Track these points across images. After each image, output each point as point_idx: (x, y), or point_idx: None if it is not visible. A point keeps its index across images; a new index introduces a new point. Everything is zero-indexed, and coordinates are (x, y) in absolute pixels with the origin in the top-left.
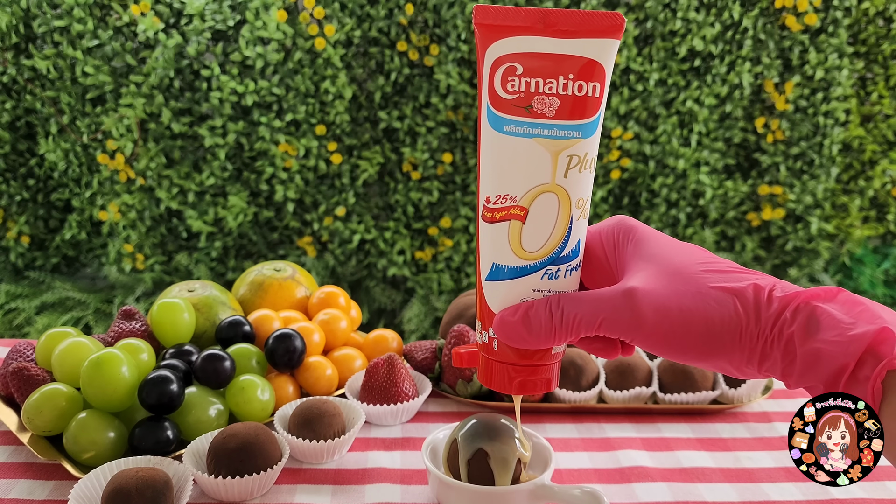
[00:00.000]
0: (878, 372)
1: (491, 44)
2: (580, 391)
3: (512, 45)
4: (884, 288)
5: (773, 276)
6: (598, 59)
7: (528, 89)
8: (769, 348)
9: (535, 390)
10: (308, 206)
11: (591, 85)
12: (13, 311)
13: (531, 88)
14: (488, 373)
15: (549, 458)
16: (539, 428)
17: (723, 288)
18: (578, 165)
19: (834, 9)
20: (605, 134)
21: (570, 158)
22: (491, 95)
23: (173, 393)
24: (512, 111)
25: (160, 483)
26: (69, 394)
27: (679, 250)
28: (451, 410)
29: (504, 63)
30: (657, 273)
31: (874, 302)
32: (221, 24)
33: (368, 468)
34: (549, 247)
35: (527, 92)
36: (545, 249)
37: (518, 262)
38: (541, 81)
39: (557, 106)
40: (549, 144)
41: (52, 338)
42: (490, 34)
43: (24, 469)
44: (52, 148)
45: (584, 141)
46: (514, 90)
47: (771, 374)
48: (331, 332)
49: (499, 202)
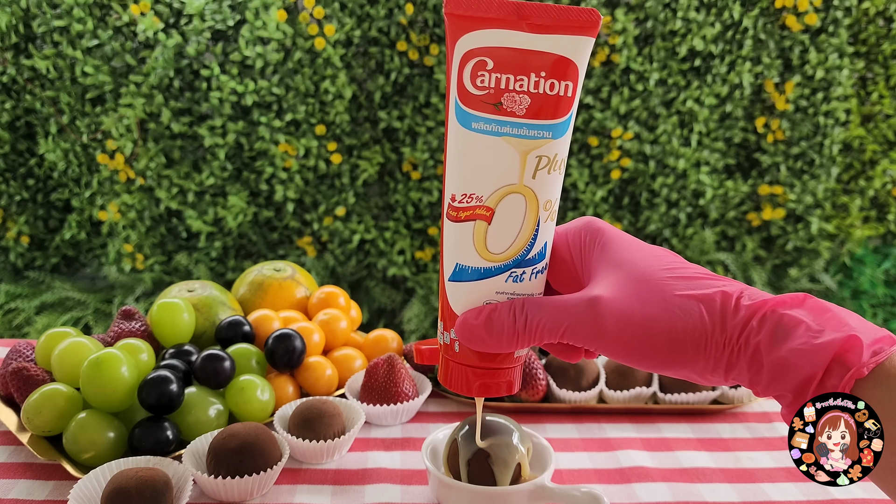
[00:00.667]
0: (846, 381)
1: (461, 35)
2: (580, 391)
3: (483, 38)
4: (884, 288)
5: (741, 283)
6: (572, 56)
7: (497, 85)
8: (735, 357)
9: (496, 393)
10: (308, 206)
11: (564, 84)
12: (13, 311)
13: (501, 85)
14: (448, 374)
15: (549, 459)
16: (539, 428)
17: (689, 296)
18: (548, 167)
19: (834, 8)
20: (605, 134)
21: (540, 159)
22: (459, 90)
23: (173, 393)
24: (481, 107)
25: (160, 483)
26: (69, 394)
27: (646, 255)
28: (450, 411)
29: (474, 57)
30: (622, 280)
31: (842, 308)
32: (221, 23)
33: (368, 468)
34: (515, 249)
35: (497, 88)
36: (511, 251)
37: (482, 263)
38: (511, 78)
39: (528, 104)
40: (519, 144)
41: (52, 338)
42: (461, 25)
43: (23, 469)
44: (51, 148)
45: (554, 142)
46: (483, 86)
47: (738, 382)
48: (331, 332)
49: (464, 201)
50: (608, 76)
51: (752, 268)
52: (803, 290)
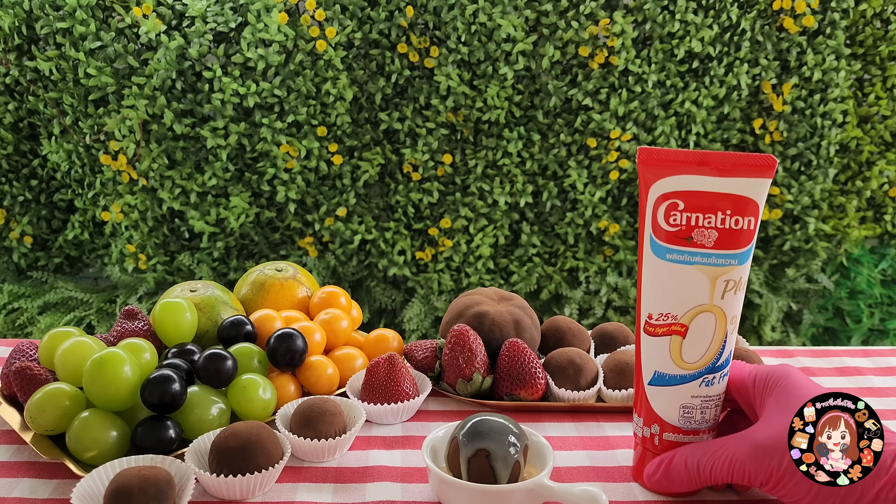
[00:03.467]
0: None
1: (654, 182)
2: (579, 390)
3: (674, 184)
4: (881, 288)
5: None
6: (753, 196)
7: (689, 223)
8: None
9: None
10: (309, 206)
11: (747, 219)
12: (16, 311)
13: (692, 222)
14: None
15: (548, 457)
16: (538, 427)
17: None
18: (734, 288)
19: (831, 10)
20: (603, 135)
21: (727, 283)
22: (654, 227)
23: (175, 392)
24: (674, 241)
25: (162, 481)
26: (72, 393)
27: None
28: (451, 409)
29: (667, 199)
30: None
31: None
32: (223, 25)
33: (369, 466)
34: (707, 358)
35: (688, 225)
36: (703, 361)
37: (678, 371)
38: (700, 216)
39: (715, 238)
40: (708, 271)
41: (55, 337)
42: (653, 173)
43: (26, 468)
44: (54, 149)
45: (739, 267)
46: (676, 223)
47: None
48: (332, 331)
49: (661, 319)
50: (606, 78)
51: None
52: (801, 290)
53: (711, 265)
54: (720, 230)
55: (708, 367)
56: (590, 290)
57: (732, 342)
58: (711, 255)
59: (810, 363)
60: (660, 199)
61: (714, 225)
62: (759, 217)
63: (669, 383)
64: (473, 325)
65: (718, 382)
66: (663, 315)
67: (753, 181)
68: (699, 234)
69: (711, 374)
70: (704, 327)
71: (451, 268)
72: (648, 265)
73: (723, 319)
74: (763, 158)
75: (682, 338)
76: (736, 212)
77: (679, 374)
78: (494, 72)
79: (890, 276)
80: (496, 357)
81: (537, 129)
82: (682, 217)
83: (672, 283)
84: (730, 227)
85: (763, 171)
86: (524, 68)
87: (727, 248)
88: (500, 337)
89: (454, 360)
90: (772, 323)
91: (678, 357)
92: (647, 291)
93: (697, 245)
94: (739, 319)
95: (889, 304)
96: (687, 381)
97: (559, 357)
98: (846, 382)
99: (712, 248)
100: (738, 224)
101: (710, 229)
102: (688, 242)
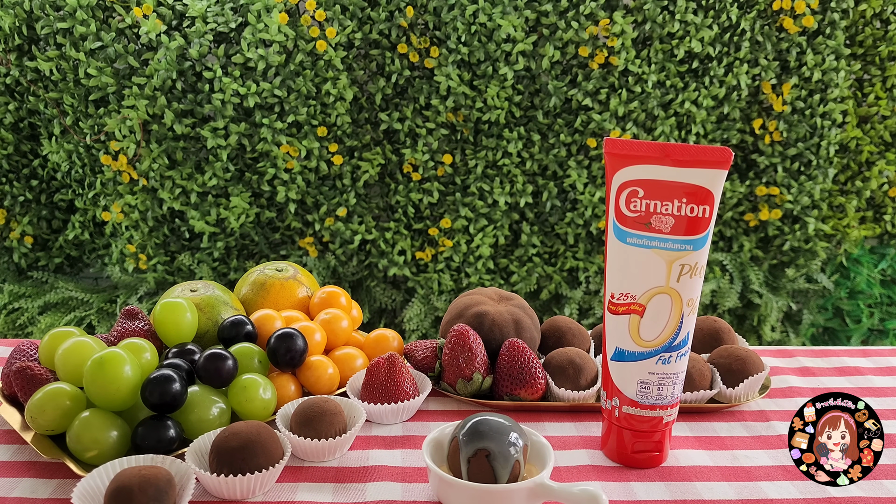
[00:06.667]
0: None
1: (618, 170)
2: (579, 390)
3: (635, 173)
4: (880, 288)
5: None
6: (708, 186)
7: (647, 209)
8: None
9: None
10: (309, 206)
11: (702, 208)
12: (16, 311)
13: (650, 209)
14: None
15: (548, 457)
16: (538, 426)
17: None
18: (689, 272)
19: (831, 11)
20: (603, 135)
21: (683, 266)
22: (617, 212)
23: (176, 392)
24: (634, 226)
25: (163, 481)
26: (72, 393)
27: None
28: (451, 409)
29: (628, 187)
30: None
31: None
32: (223, 26)
33: (369, 466)
34: (663, 338)
35: (647, 211)
36: (660, 339)
37: (637, 348)
38: (658, 203)
39: (672, 224)
40: (665, 255)
41: (56, 337)
42: (618, 162)
43: (27, 468)
44: (55, 149)
45: (694, 252)
46: (636, 210)
47: None
48: (332, 331)
49: (621, 298)
50: (606, 78)
51: (749, 268)
52: (801, 290)
53: (668, 249)
54: (677, 217)
55: (665, 346)
56: (590, 290)
57: (690, 324)
58: (668, 240)
59: (810, 363)
60: (622, 186)
61: (671, 212)
62: (714, 206)
63: (629, 359)
64: (473, 325)
65: (675, 361)
66: (623, 295)
67: (709, 172)
68: (657, 220)
69: (668, 352)
70: (661, 308)
71: (451, 268)
72: (612, 248)
73: (678, 301)
74: (719, 151)
75: (640, 317)
76: (692, 200)
77: (637, 351)
78: (494, 72)
79: (890, 276)
80: (496, 357)
81: (537, 130)
82: (641, 204)
83: (632, 265)
84: (685, 215)
85: (719, 163)
86: (524, 68)
87: (683, 234)
88: (500, 337)
89: (454, 359)
90: (772, 323)
91: (636, 335)
92: (611, 272)
93: (655, 230)
94: (698, 303)
95: (889, 304)
96: (644, 357)
97: (559, 357)
98: (846, 382)
99: (669, 233)
100: (694, 212)
101: (668, 216)
102: (646, 227)
